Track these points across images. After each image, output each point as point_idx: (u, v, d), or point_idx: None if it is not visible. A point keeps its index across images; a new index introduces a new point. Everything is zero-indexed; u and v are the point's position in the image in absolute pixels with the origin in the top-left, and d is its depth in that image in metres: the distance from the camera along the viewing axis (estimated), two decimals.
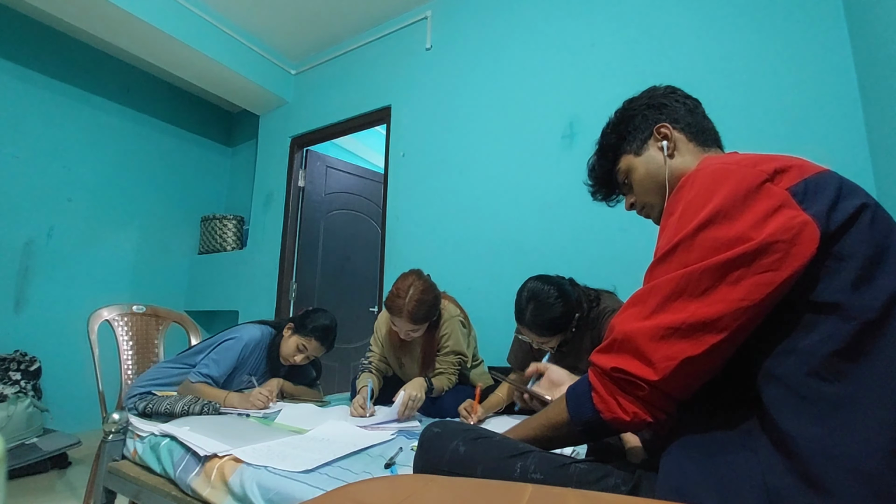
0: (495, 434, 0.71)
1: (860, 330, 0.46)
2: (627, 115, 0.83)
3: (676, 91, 0.82)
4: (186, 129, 3.72)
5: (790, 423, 0.47)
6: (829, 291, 0.48)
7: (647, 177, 0.79)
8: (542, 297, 1.23)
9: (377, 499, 0.43)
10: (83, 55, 3.08)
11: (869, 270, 0.48)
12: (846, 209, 0.50)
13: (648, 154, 0.79)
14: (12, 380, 2.32)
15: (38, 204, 2.78)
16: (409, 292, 1.47)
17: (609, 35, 2.04)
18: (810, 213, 0.50)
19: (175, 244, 3.55)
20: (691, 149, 0.76)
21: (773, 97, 1.63)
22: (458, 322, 1.67)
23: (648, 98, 0.82)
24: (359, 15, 2.86)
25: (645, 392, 0.54)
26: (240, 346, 1.58)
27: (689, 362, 0.51)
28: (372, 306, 3.08)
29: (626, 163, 0.82)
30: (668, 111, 0.79)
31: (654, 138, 0.78)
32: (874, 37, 1.36)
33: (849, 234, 0.49)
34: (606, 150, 0.86)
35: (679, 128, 0.77)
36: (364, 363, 1.72)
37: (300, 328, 1.64)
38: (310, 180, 3.24)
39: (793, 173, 0.53)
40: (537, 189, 2.11)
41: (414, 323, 1.48)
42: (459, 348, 1.64)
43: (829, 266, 0.49)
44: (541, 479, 0.60)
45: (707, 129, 0.78)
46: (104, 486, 1.19)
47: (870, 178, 1.42)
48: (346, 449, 1.04)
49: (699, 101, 0.81)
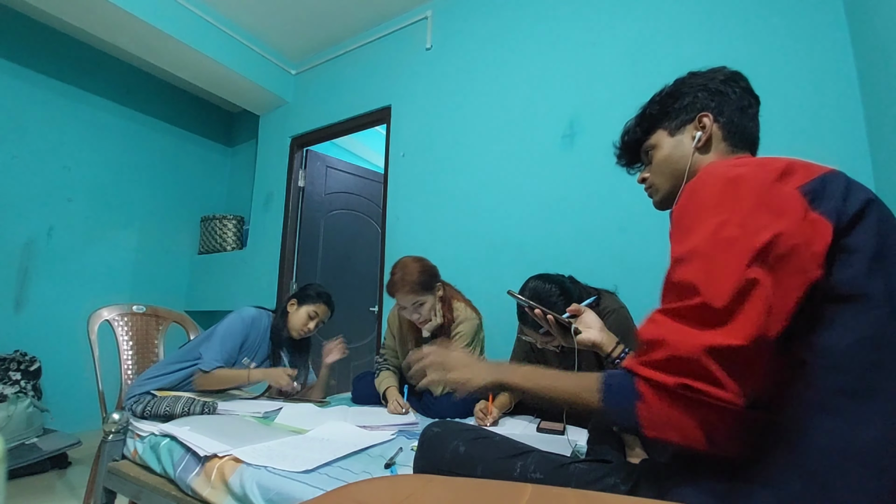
0: (495, 434, 0.71)
1: (878, 319, 0.47)
2: (681, 91, 0.78)
3: (741, 81, 0.77)
4: (186, 129, 3.72)
5: (808, 419, 0.47)
6: (844, 284, 0.49)
7: (668, 160, 0.77)
8: (544, 295, 1.22)
9: (377, 499, 0.43)
10: (83, 55, 3.07)
11: (878, 262, 0.49)
12: (855, 204, 0.51)
13: (681, 138, 0.76)
14: (12, 380, 2.32)
15: (38, 204, 2.78)
16: (400, 268, 1.57)
17: (609, 35, 2.04)
18: (821, 210, 0.50)
19: (175, 244, 3.54)
20: (722, 148, 0.73)
21: (773, 97, 1.60)
22: (474, 325, 1.67)
23: (709, 80, 0.77)
24: (359, 15, 2.86)
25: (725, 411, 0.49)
26: (240, 321, 1.58)
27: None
28: (372, 306, 3.08)
29: (658, 138, 0.80)
30: (721, 101, 0.74)
31: (694, 124, 0.75)
32: (875, 37, 1.36)
33: (858, 229, 0.51)
34: (645, 119, 0.82)
35: (721, 123, 0.74)
36: (380, 361, 1.76)
37: (305, 298, 1.69)
38: (310, 180, 3.24)
39: (801, 173, 0.54)
40: (537, 189, 2.11)
41: (415, 293, 1.52)
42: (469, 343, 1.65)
43: (841, 259, 0.50)
44: (540, 478, 0.60)
45: (748, 132, 0.74)
46: (104, 486, 1.19)
47: (870, 179, 1.42)
48: (346, 449, 1.04)
49: (758, 100, 0.77)
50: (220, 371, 1.49)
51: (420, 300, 1.54)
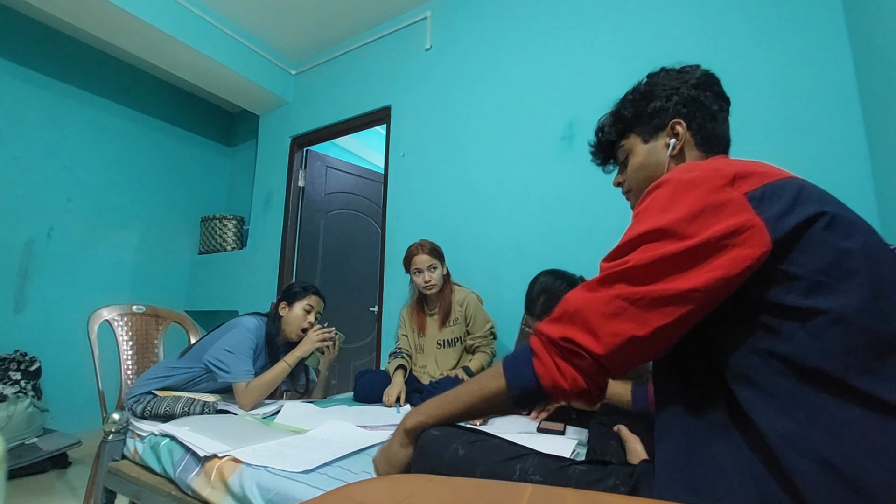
0: (494, 436, 0.71)
1: (816, 333, 0.47)
2: (653, 93, 0.78)
3: (713, 85, 0.76)
4: (186, 129, 3.72)
5: (762, 420, 0.48)
6: (787, 295, 0.49)
7: (643, 167, 0.78)
8: (553, 290, 1.27)
9: (377, 499, 0.43)
10: (83, 55, 3.08)
11: (825, 275, 0.48)
12: (799, 215, 0.50)
13: (655, 145, 0.77)
14: (12, 380, 2.32)
15: (38, 204, 2.78)
16: (419, 241, 1.87)
17: (608, 35, 2.04)
18: (763, 217, 0.50)
19: (175, 244, 3.54)
20: (695, 154, 0.75)
21: (773, 97, 1.63)
22: (476, 299, 1.89)
23: (682, 83, 0.76)
24: (359, 15, 2.86)
25: (587, 363, 0.56)
26: (246, 332, 1.59)
27: (633, 342, 0.53)
28: (372, 306, 3.08)
29: (631, 144, 0.80)
30: (693, 108, 0.75)
31: (667, 131, 0.76)
32: (874, 37, 1.36)
33: (802, 240, 0.50)
34: (619, 119, 0.82)
35: (694, 130, 0.74)
36: (396, 351, 1.89)
37: (294, 296, 1.70)
38: (310, 180, 3.24)
39: (753, 179, 0.54)
40: (537, 189, 2.11)
41: (432, 256, 1.82)
42: (482, 316, 1.86)
43: (783, 270, 0.50)
44: (540, 480, 0.60)
45: (720, 137, 0.75)
46: (104, 486, 1.19)
47: (869, 178, 1.42)
48: (345, 449, 1.04)
49: (729, 101, 0.77)
50: (259, 379, 1.50)
51: (435, 264, 1.82)
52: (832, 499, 0.43)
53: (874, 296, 0.47)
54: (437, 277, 1.82)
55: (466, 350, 1.86)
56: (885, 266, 0.50)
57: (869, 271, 0.48)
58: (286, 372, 1.55)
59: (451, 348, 1.83)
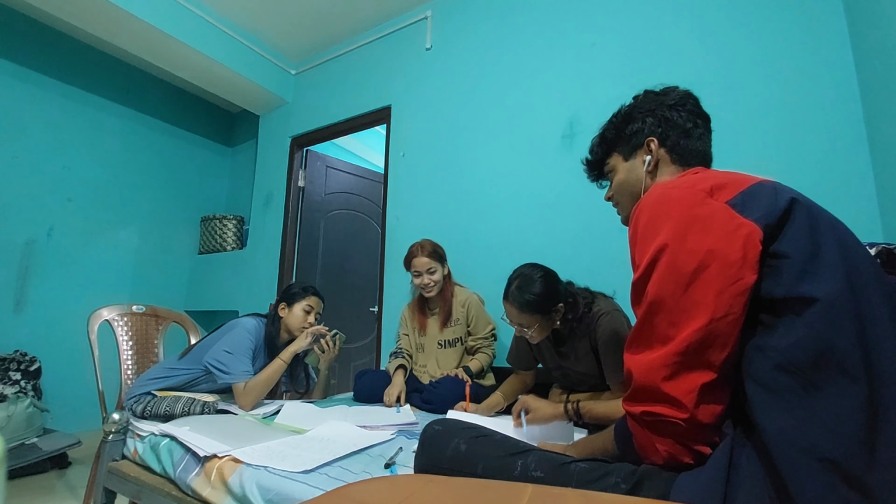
0: (496, 432, 0.71)
1: (812, 322, 0.48)
2: (630, 116, 0.85)
3: (688, 104, 0.81)
4: (186, 129, 3.72)
5: (762, 417, 0.49)
6: (778, 287, 0.52)
7: (625, 183, 0.84)
8: (527, 274, 1.30)
9: (377, 499, 0.43)
10: (83, 55, 3.08)
11: (811, 263, 0.51)
12: (780, 207, 0.54)
13: (634, 162, 0.83)
14: (12, 380, 2.32)
15: (38, 204, 2.78)
16: (419, 242, 1.87)
17: (609, 35, 2.04)
18: (750, 217, 0.54)
19: (175, 244, 3.54)
20: (672, 169, 0.79)
21: (773, 97, 1.63)
22: (478, 300, 1.90)
23: (658, 104, 0.82)
24: (359, 15, 2.86)
25: (682, 428, 0.54)
26: (246, 333, 1.59)
27: (706, 388, 0.53)
28: (372, 306, 3.07)
29: (615, 162, 0.88)
30: (667, 127, 0.80)
31: (644, 149, 0.81)
32: (874, 37, 1.36)
33: (787, 231, 0.53)
34: (604, 140, 0.90)
35: (667, 148, 0.79)
36: (397, 350, 1.89)
37: (293, 297, 1.70)
38: (310, 180, 3.24)
39: (730, 188, 0.58)
40: (537, 189, 2.11)
41: (431, 258, 1.81)
42: (484, 317, 1.87)
43: (772, 264, 0.53)
44: (541, 476, 0.61)
45: (696, 151, 0.79)
46: (104, 486, 1.19)
47: (870, 178, 1.41)
48: (345, 449, 1.04)
49: (707, 118, 0.82)
50: (256, 378, 1.50)
51: (433, 267, 1.81)
52: (834, 497, 0.43)
53: (850, 283, 0.49)
54: (435, 280, 1.82)
55: (467, 351, 1.85)
56: (855, 254, 0.52)
57: (844, 261, 0.51)
58: (282, 369, 1.55)
59: (452, 349, 1.83)
